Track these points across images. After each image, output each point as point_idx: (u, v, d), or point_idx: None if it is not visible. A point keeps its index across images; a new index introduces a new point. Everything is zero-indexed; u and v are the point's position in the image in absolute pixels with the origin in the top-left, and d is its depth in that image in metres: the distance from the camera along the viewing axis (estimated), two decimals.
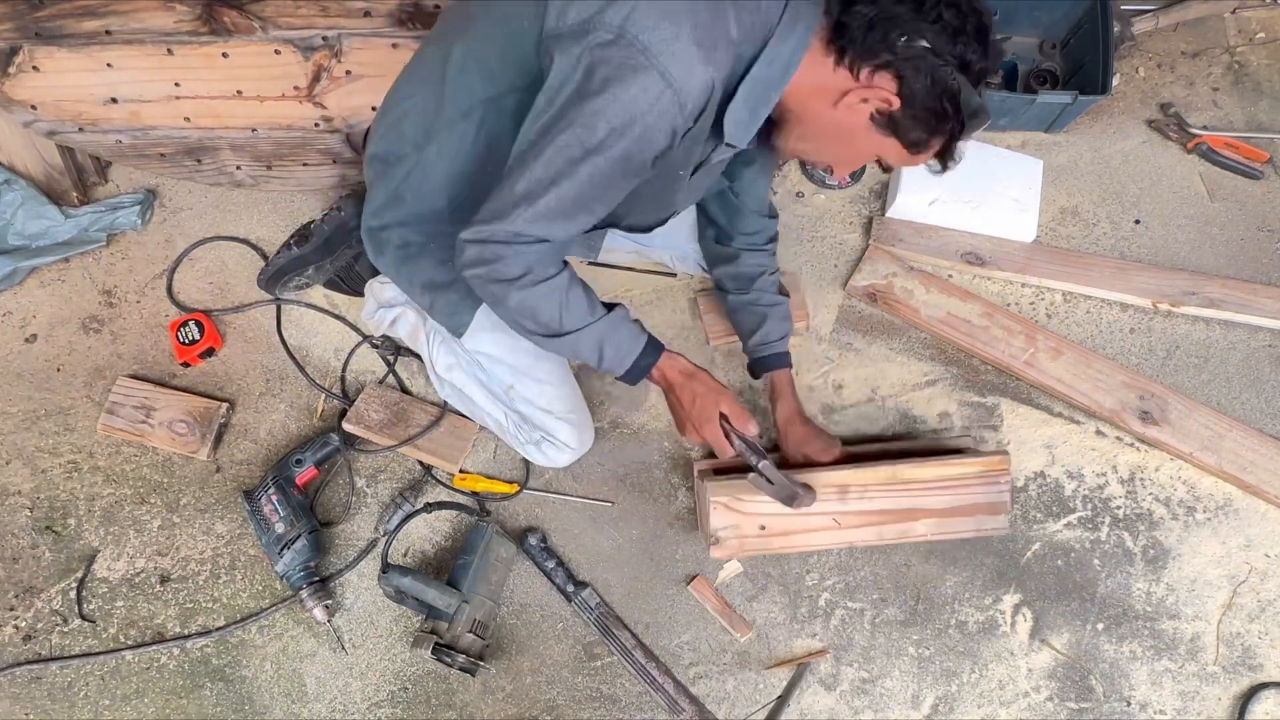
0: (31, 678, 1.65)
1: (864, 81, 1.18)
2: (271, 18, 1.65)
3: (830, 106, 1.22)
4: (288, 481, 1.70)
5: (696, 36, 1.12)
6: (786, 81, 1.21)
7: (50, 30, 1.67)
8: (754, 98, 1.22)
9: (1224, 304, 1.90)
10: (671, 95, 1.14)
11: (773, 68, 1.20)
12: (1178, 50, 2.23)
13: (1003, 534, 1.65)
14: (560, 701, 1.64)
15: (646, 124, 1.16)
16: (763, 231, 1.70)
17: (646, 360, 1.42)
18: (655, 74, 1.12)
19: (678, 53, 1.12)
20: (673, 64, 1.12)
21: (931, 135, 1.21)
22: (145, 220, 2.00)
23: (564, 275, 1.32)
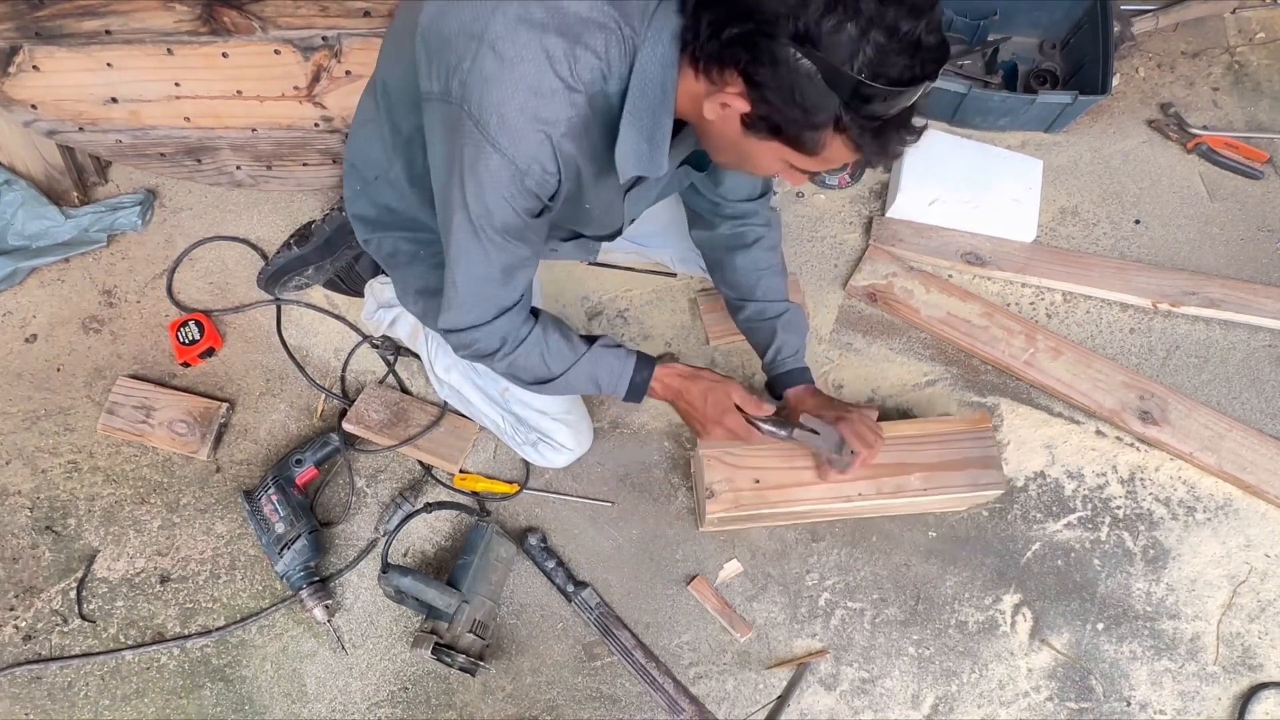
0: (31, 678, 1.65)
1: (716, 85, 1.07)
2: (271, 18, 1.65)
3: (705, 118, 1.11)
4: (288, 481, 1.70)
5: (518, 100, 1.06)
6: (670, 101, 1.12)
7: (50, 30, 1.67)
8: (643, 128, 1.13)
9: (1224, 304, 1.90)
10: (509, 165, 1.10)
11: (648, 94, 1.10)
12: (1178, 50, 2.23)
13: (1001, 491, 1.63)
14: (560, 701, 1.64)
15: (504, 195, 1.14)
16: (749, 218, 1.58)
17: (641, 376, 1.45)
18: (489, 148, 1.09)
19: (505, 120, 1.07)
20: (501, 135, 1.07)
21: (809, 129, 1.05)
22: (145, 220, 2.00)
23: (537, 329, 1.36)
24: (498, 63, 1.05)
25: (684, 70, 1.10)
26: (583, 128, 1.11)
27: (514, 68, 1.05)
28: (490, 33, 1.05)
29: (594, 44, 1.06)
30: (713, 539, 1.74)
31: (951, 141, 2.02)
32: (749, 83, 1.03)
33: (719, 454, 1.60)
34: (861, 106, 1.00)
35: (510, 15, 1.05)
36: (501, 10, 1.05)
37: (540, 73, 1.05)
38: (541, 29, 1.05)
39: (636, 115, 1.12)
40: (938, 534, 1.74)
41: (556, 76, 1.06)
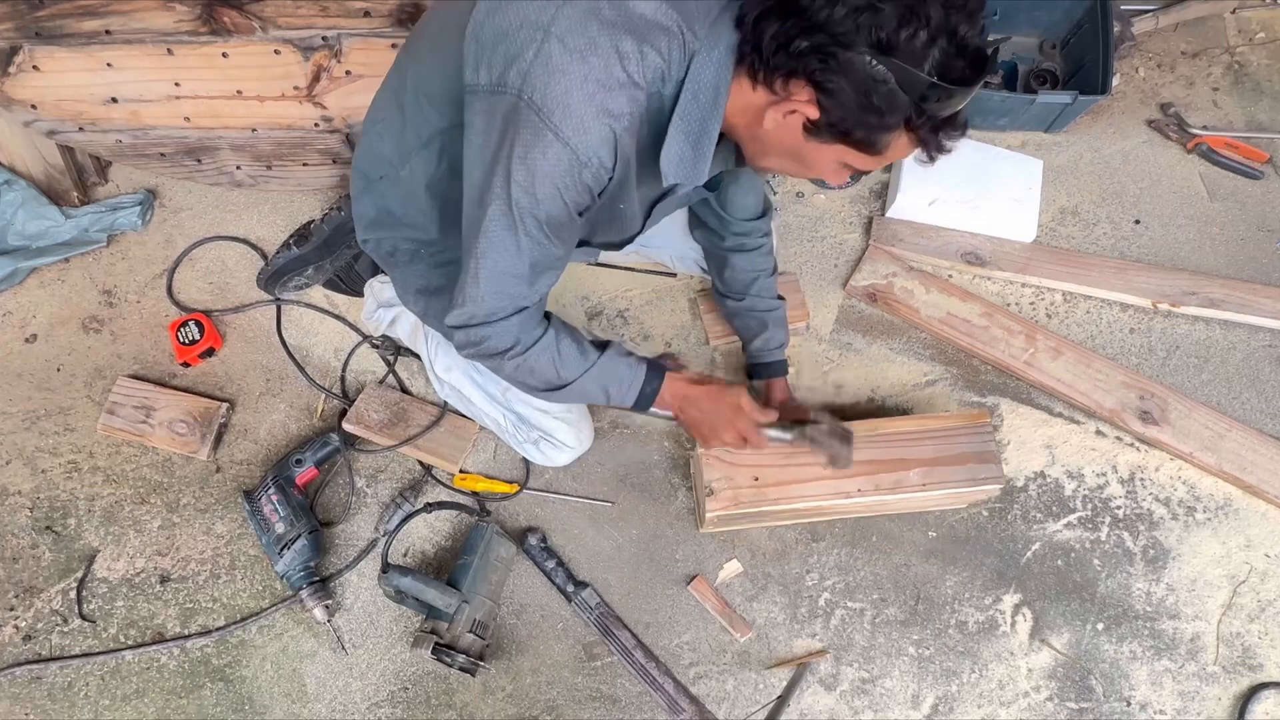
0: (31, 678, 1.65)
1: (780, 95, 1.10)
2: (271, 18, 1.65)
3: (762, 127, 1.15)
4: (288, 481, 1.70)
5: (587, 90, 1.08)
6: (720, 110, 1.15)
7: (50, 30, 1.67)
8: (690, 134, 1.16)
9: (1224, 304, 1.90)
10: (570, 155, 1.11)
11: (700, 100, 1.14)
12: (1178, 50, 2.23)
13: (1001, 485, 1.63)
14: (560, 701, 1.64)
15: (559, 186, 1.14)
16: (752, 234, 1.66)
17: (651, 387, 1.46)
18: (550, 136, 1.09)
19: (571, 109, 1.08)
20: (566, 124, 1.09)
21: (881, 131, 1.09)
22: (145, 220, 2.00)
23: (550, 333, 1.36)
24: (565, 54, 1.07)
25: (737, 81, 1.13)
26: (640, 127, 1.14)
27: (585, 59, 1.07)
28: (558, 25, 1.07)
29: (659, 44, 1.09)
30: (713, 539, 1.74)
31: None
32: (820, 90, 1.07)
33: (718, 452, 1.61)
34: (929, 106, 1.05)
35: (579, 10, 1.08)
36: (570, 5, 1.08)
37: (610, 66, 1.08)
38: (611, 25, 1.08)
39: (686, 119, 1.15)
40: (938, 534, 1.74)
41: (625, 71, 1.09)
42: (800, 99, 1.09)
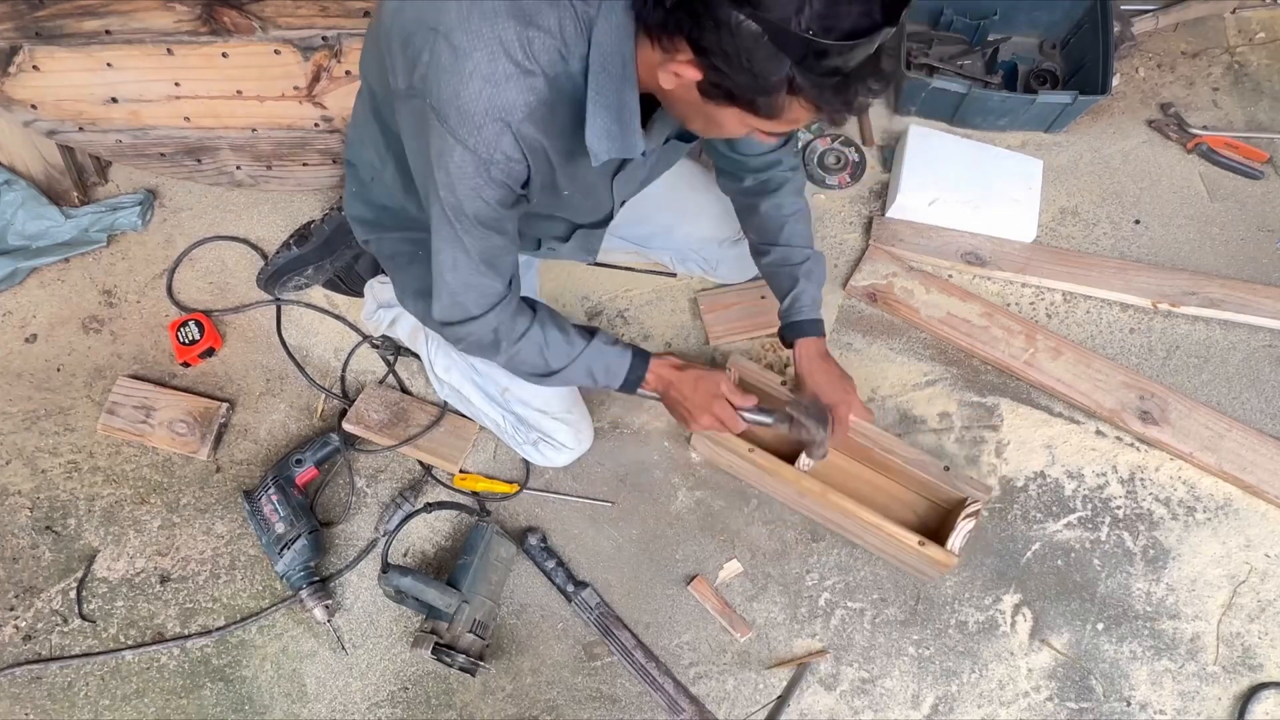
0: (31, 678, 1.65)
1: (669, 54, 1.03)
2: (271, 18, 1.65)
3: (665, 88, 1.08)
4: (288, 481, 1.70)
5: (473, 89, 1.05)
6: (632, 75, 1.09)
7: (50, 30, 1.67)
8: (610, 106, 1.11)
9: (1224, 304, 1.90)
10: (472, 157, 1.10)
11: (610, 70, 1.08)
12: (1178, 50, 2.23)
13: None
14: (560, 701, 1.64)
15: (472, 187, 1.14)
16: (773, 170, 1.54)
17: (636, 373, 1.47)
18: (451, 140, 1.09)
19: (462, 110, 1.06)
20: (460, 127, 1.07)
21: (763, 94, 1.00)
22: (145, 220, 2.00)
23: (535, 326, 1.38)
24: (452, 54, 1.05)
25: (641, 41, 1.07)
26: (547, 111, 1.10)
27: (468, 57, 1.05)
28: (444, 23, 1.05)
29: (547, 23, 1.05)
30: (713, 539, 1.74)
31: (951, 141, 2.02)
32: (696, 49, 0.99)
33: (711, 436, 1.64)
34: (816, 63, 0.95)
35: (464, 5, 1.05)
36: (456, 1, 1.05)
37: (493, 59, 1.04)
38: (494, 15, 1.04)
39: (601, 93, 1.10)
40: None
41: (510, 61, 1.05)
42: (682, 59, 1.02)
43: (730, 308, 1.90)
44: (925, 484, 1.67)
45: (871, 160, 2.10)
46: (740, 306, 1.90)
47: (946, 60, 2.15)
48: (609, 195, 1.39)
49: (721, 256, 1.79)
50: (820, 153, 2.08)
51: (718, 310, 1.89)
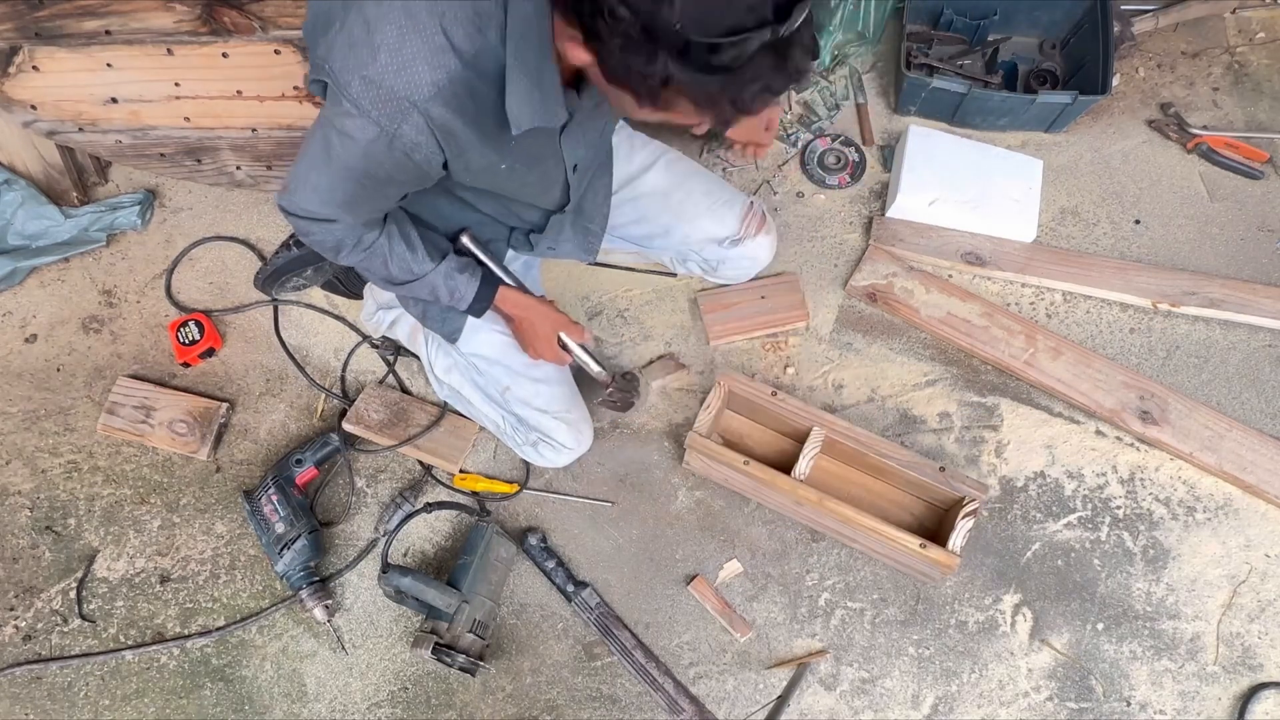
0: (31, 678, 1.65)
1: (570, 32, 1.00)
2: (271, 18, 1.65)
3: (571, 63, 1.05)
4: (288, 481, 1.70)
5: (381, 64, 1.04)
6: (548, 41, 1.06)
7: (50, 30, 1.67)
8: (529, 73, 1.08)
9: (1224, 304, 1.90)
10: (375, 128, 1.09)
11: (528, 38, 1.05)
12: (1178, 50, 2.23)
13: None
14: (560, 701, 1.64)
15: (373, 158, 1.13)
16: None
17: (482, 301, 1.50)
18: (357, 115, 1.08)
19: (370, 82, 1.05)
20: (364, 98, 1.06)
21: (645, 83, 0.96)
22: (145, 220, 2.00)
23: (382, 239, 1.35)
24: (364, 26, 1.04)
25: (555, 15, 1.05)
26: (462, 90, 1.08)
27: (377, 29, 1.03)
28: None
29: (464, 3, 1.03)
30: (713, 539, 1.74)
31: (951, 141, 2.02)
32: (586, 33, 0.97)
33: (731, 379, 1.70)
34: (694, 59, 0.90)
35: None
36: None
37: (402, 34, 1.03)
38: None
39: (520, 59, 1.07)
40: None
41: (420, 37, 1.03)
42: (577, 41, 0.99)
43: (730, 308, 1.90)
44: (921, 486, 1.67)
45: (871, 160, 2.10)
46: (740, 306, 1.90)
47: (946, 60, 2.15)
48: (559, 162, 1.36)
49: (722, 257, 1.79)
50: (820, 153, 2.08)
51: (718, 310, 1.89)
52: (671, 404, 1.85)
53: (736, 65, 0.90)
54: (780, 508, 1.73)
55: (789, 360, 1.88)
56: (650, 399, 1.85)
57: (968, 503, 1.59)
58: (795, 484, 1.62)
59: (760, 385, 1.70)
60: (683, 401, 1.85)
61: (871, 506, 1.67)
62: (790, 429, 1.73)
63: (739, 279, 1.90)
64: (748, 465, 1.63)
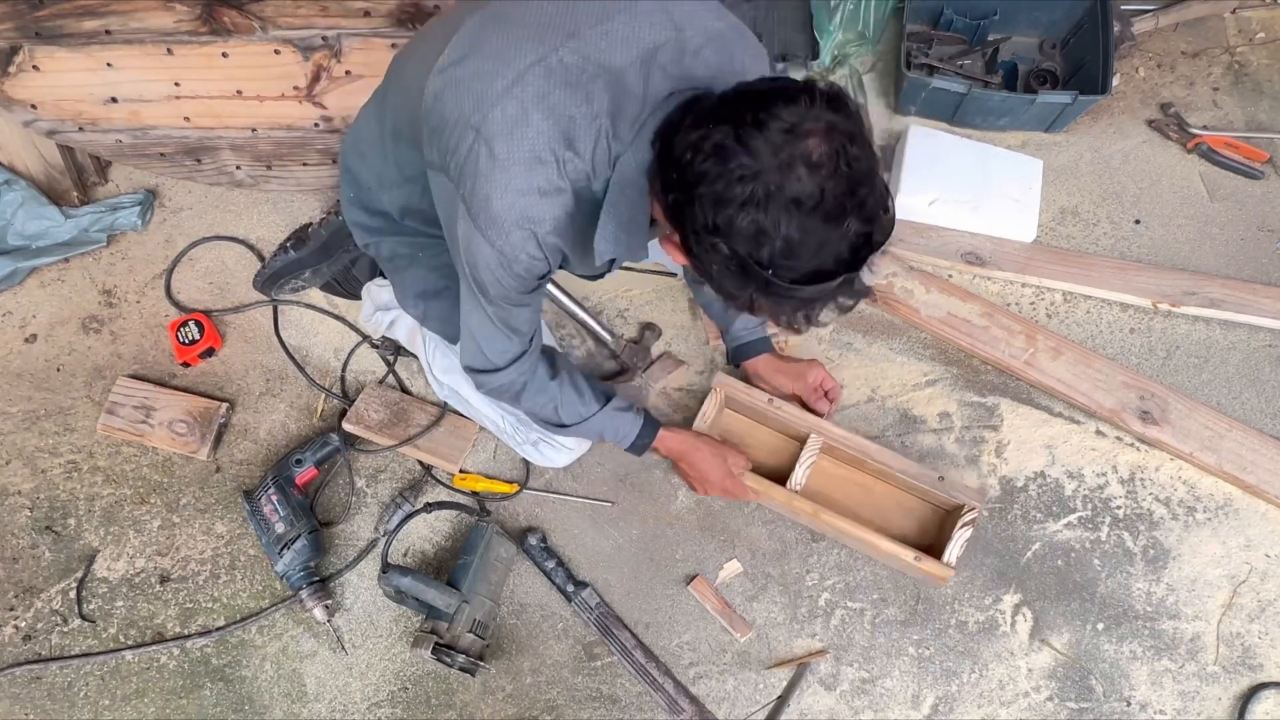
0: (31, 678, 1.65)
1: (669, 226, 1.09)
2: (271, 18, 1.65)
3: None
4: (288, 481, 1.70)
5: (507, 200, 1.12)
6: (645, 201, 1.16)
7: (50, 30, 1.67)
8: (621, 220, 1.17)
9: (1224, 304, 1.90)
10: (497, 254, 1.16)
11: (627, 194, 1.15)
12: (1178, 50, 2.23)
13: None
14: (560, 701, 1.64)
15: (495, 276, 1.21)
16: None
17: (644, 440, 1.61)
18: (478, 235, 1.15)
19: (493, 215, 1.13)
20: (490, 228, 1.14)
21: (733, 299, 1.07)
22: (145, 220, 2.00)
23: (555, 383, 1.48)
24: (490, 161, 1.10)
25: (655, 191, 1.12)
26: (568, 220, 1.16)
27: (506, 169, 1.10)
28: (487, 128, 1.09)
29: (584, 148, 1.11)
30: (713, 538, 1.74)
31: (951, 141, 2.02)
32: (683, 243, 1.06)
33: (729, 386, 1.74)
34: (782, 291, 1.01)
35: (509, 114, 1.09)
36: (501, 107, 1.09)
37: (530, 176, 1.10)
38: (537, 134, 1.09)
39: (615, 208, 1.16)
40: None
41: (546, 181, 1.11)
42: (675, 240, 1.09)
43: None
44: (922, 489, 1.68)
45: None
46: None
47: (946, 60, 2.15)
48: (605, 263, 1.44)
49: None
50: None
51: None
52: (671, 404, 1.85)
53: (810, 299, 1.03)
54: (780, 509, 1.73)
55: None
56: (650, 398, 1.85)
57: (966, 511, 1.59)
58: (791, 495, 1.62)
59: (756, 392, 1.71)
60: (683, 401, 1.85)
61: (872, 506, 1.68)
62: (791, 430, 1.74)
63: None
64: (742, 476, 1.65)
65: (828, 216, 0.96)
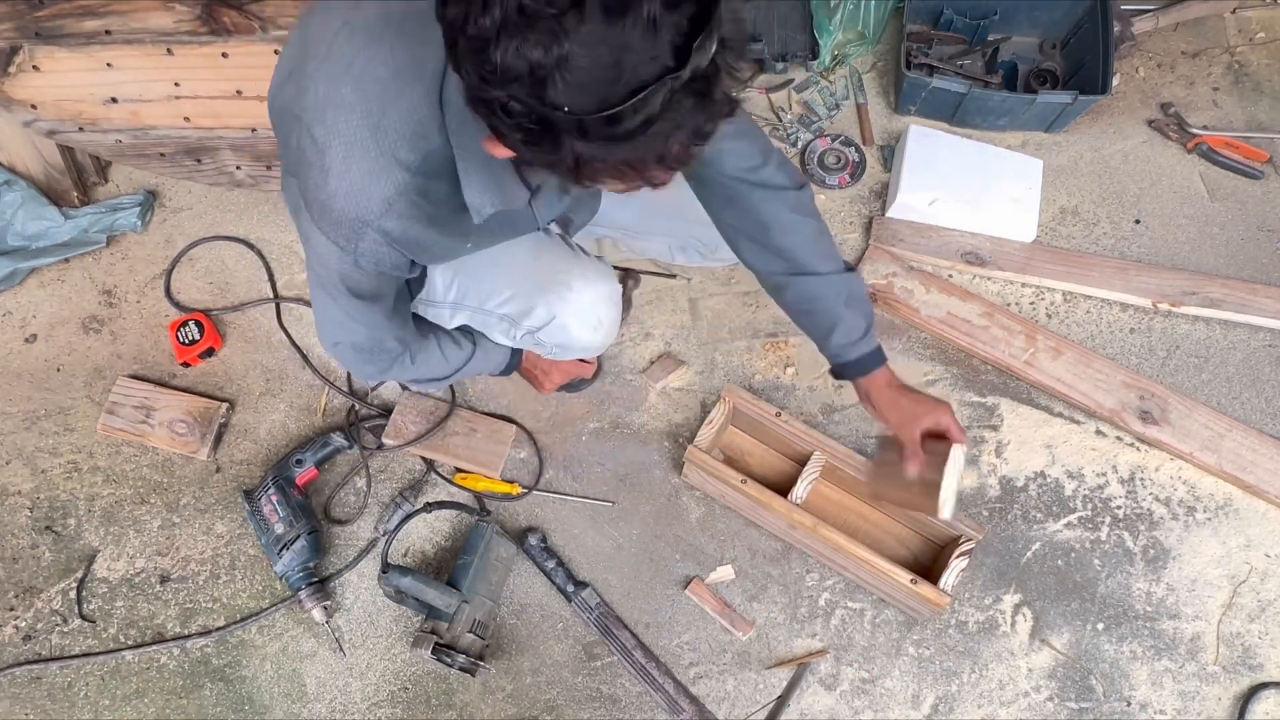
0: (31, 678, 1.65)
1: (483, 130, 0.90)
2: (271, 18, 1.65)
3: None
4: (288, 482, 1.70)
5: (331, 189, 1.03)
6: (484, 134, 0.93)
7: (50, 30, 1.67)
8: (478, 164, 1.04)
9: (1224, 304, 1.90)
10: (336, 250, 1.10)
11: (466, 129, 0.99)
12: (1178, 50, 2.23)
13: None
14: (560, 701, 1.64)
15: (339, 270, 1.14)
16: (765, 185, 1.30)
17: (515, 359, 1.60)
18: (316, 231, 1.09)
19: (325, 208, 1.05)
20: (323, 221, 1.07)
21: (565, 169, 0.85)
22: (145, 221, 2.00)
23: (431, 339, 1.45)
24: (313, 147, 1.03)
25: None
26: (416, 193, 1.06)
27: (323, 153, 1.02)
28: (306, 113, 1.03)
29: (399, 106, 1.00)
30: (713, 539, 1.74)
31: (951, 141, 2.02)
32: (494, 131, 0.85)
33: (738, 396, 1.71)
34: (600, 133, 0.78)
35: (320, 96, 1.01)
36: (313, 89, 1.01)
37: (347, 157, 1.02)
38: (347, 109, 1.00)
39: (469, 153, 1.03)
40: None
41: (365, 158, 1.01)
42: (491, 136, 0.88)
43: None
44: (918, 520, 1.67)
45: (871, 160, 2.10)
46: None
47: (946, 60, 2.15)
48: (531, 220, 1.34)
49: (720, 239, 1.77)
50: (820, 153, 2.08)
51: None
52: (671, 404, 1.85)
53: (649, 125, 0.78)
54: (775, 530, 1.73)
55: (789, 360, 1.88)
56: (650, 398, 1.85)
57: (963, 542, 1.58)
58: (791, 507, 1.61)
59: (765, 405, 1.69)
60: (683, 401, 1.85)
61: (866, 536, 1.66)
62: (792, 450, 1.73)
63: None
64: (744, 484, 1.62)
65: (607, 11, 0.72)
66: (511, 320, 1.50)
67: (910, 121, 2.11)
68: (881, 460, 1.42)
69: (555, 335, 1.49)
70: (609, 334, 1.52)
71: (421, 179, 1.05)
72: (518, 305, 1.47)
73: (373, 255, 1.11)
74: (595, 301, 1.46)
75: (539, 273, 1.46)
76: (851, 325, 1.34)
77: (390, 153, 1.02)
